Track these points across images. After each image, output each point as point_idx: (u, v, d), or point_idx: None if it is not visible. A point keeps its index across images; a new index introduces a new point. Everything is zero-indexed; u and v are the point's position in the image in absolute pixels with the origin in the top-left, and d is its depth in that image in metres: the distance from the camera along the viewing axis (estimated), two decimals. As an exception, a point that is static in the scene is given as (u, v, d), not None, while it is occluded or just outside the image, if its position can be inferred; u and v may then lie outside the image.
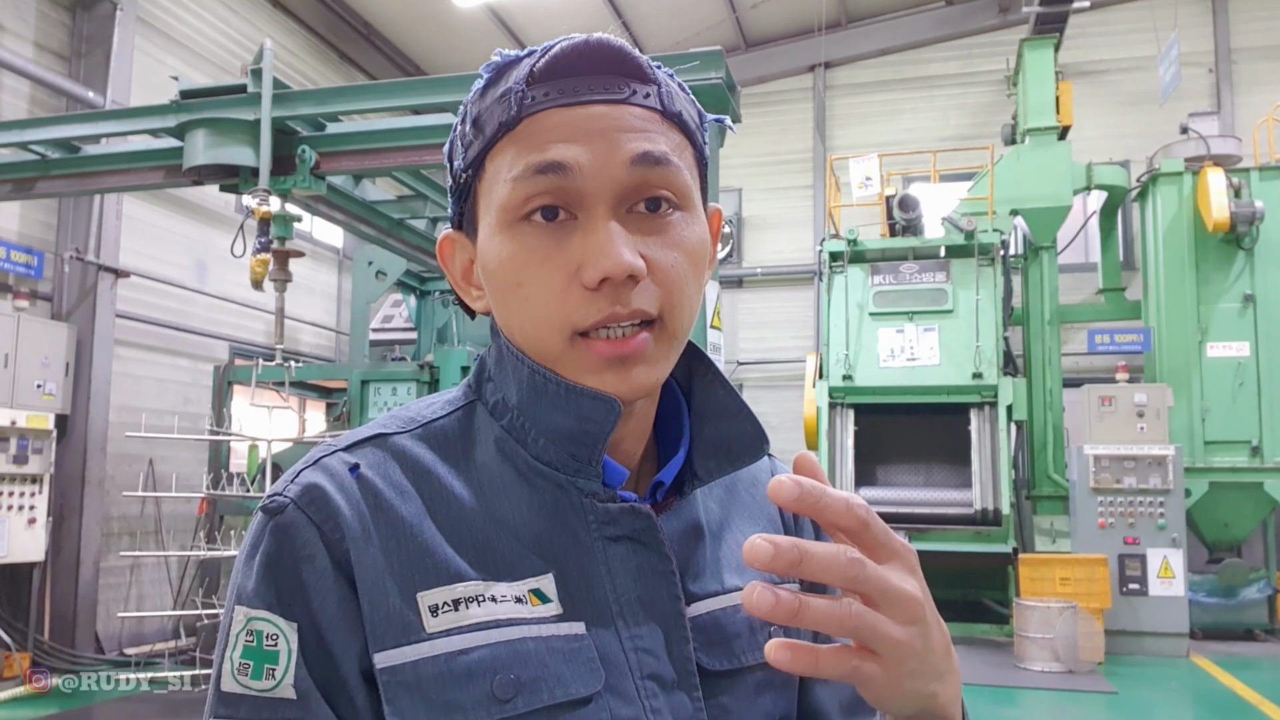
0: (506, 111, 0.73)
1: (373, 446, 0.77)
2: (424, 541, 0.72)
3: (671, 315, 0.73)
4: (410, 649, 0.69)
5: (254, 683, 0.68)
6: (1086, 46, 12.91)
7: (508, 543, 0.74)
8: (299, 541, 0.71)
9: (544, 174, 0.71)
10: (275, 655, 0.69)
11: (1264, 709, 6.76)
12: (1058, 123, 10.72)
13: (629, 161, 0.71)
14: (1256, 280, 9.98)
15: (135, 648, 8.47)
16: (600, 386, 0.72)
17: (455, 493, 0.76)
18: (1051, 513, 10.41)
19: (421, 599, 0.71)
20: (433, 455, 0.77)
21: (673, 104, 0.75)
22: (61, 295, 8.25)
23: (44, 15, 8.34)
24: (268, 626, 0.69)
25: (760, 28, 14.08)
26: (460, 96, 5.62)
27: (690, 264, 0.74)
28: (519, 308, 0.74)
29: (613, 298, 0.70)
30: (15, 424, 7.11)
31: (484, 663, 0.69)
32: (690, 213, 0.75)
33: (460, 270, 0.82)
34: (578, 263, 0.71)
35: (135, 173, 6.56)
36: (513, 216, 0.73)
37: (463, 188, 0.78)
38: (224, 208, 10.02)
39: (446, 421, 0.80)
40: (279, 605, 0.70)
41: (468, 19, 12.47)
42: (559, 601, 0.73)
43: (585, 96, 0.72)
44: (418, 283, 10.34)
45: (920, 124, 13.52)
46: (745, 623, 0.79)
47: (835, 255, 10.23)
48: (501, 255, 0.74)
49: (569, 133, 0.71)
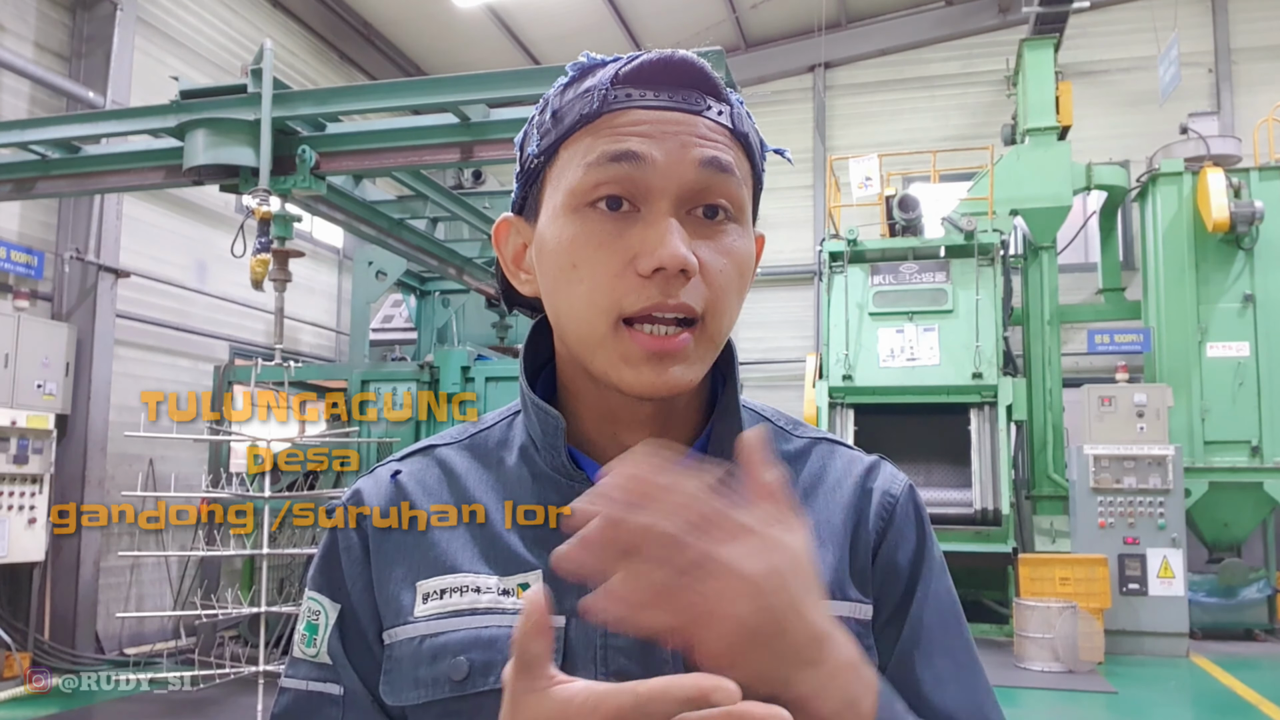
0: (588, 105, 0.77)
1: (420, 455, 0.90)
2: (434, 537, 0.82)
3: (714, 318, 0.76)
4: (401, 629, 0.80)
5: (307, 650, 0.84)
6: (1086, 46, 12.90)
7: (510, 540, 0.81)
8: (341, 536, 0.85)
9: (617, 162, 0.74)
10: (318, 628, 0.84)
11: (1264, 709, 6.76)
12: (1058, 123, 10.71)
13: (698, 163, 0.75)
14: (1256, 280, 9.97)
15: (135, 648, 8.48)
16: (637, 379, 0.75)
17: (477, 496, 0.84)
18: (1051, 513, 10.40)
19: (419, 587, 0.80)
20: (468, 462, 0.87)
21: (741, 125, 0.79)
22: (61, 295, 8.25)
23: (44, 15, 8.34)
24: (316, 605, 0.85)
25: (760, 28, 14.08)
26: (460, 96, 5.63)
27: (737, 273, 0.78)
28: (571, 289, 0.77)
29: (663, 288, 0.73)
30: (15, 424, 7.11)
31: (449, 646, 0.77)
32: (743, 226, 0.79)
33: (512, 254, 0.86)
34: (634, 251, 0.74)
35: (135, 173, 6.56)
36: (579, 201, 0.76)
37: (531, 174, 0.81)
38: (224, 208, 10.02)
39: (491, 431, 0.90)
40: (327, 588, 0.84)
41: (468, 19, 12.47)
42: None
43: (665, 102, 0.76)
44: (418, 283, 10.34)
45: (920, 124, 13.51)
46: None
47: (835, 255, 10.23)
48: (562, 236, 0.77)
49: (645, 129, 0.75)
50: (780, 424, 0.91)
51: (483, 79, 5.72)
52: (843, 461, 0.88)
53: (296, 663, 0.85)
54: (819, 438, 0.90)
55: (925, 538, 0.86)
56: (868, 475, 0.87)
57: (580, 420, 0.84)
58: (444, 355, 8.33)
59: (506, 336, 9.69)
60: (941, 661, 0.82)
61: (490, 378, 8.10)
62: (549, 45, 13.19)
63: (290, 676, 0.85)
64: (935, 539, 0.88)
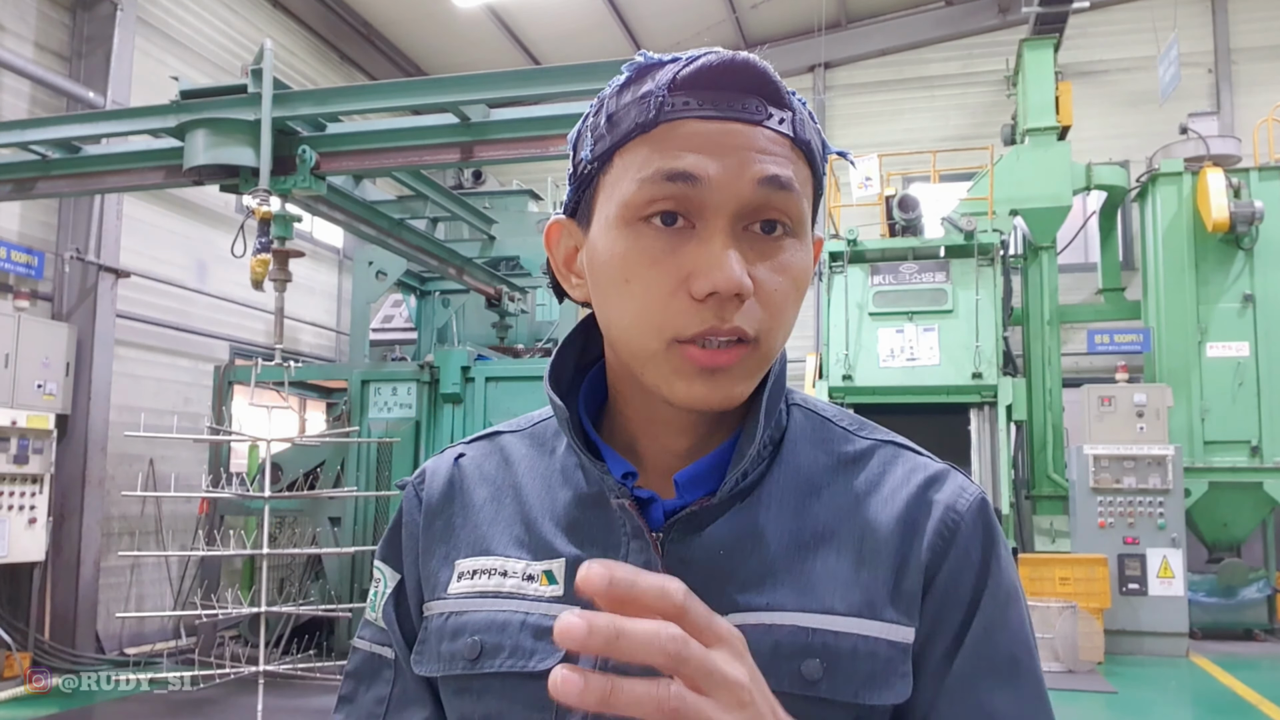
0: (645, 113, 0.74)
1: (485, 440, 0.93)
2: (479, 519, 0.86)
3: (768, 337, 0.74)
4: (435, 604, 0.84)
5: (370, 613, 0.90)
6: (1086, 46, 12.91)
7: (547, 528, 0.82)
8: (407, 510, 0.90)
9: (673, 181, 0.72)
10: (379, 595, 0.89)
11: (1264, 709, 6.77)
12: (1057, 123, 10.71)
13: (757, 181, 0.72)
14: (1256, 280, 9.98)
15: (135, 648, 8.48)
16: (689, 393, 0.74)
17: (524, 483, 0.86)
18: (1051, 512, 10.41)
19: (457, 565, 0.84)
20: (525, 450, 0.89)
21: (804, 132, 0.76)
22: (62, 295, 8.25)
23: (44, 15, 8.34)
24: (379, 572, 0.91)
25: (760, 28, 14.08)
26: (460, 96, 5.63)
27: (794, 289, 0.76)
28: (623, 304, 0.75)
29: (717, 312, 0.71)
30: (15, 424, 7.11)
31: (469, 626, 0.80)
32: (802, 240, 0.77)
33: (564, 256, 0.84)
34: (688, 271, 0.72)
35: (135, 173, 6.57)
36: (633, 215, 0.74)
37: (585, 178, 0.79)
38: (224, 208, 10.02)
39: (551, 420, 0.90)
40: (391, 558, 0.90)
41: (468, 19, 12.47)
42: (564, 585, 0.79)
43: (724, 112, 0.73)
44: (418, 283, 10.34)
45: (920, 124, 13.52)
46: (771, 646, 0.74)
47: (835, 255, 10.23)
48: (614, 250, 0.75)
49: (703, 144, 0.72)
50: (843, 424, 0.86)
51: (483, 79, 5.72)
52: (905, 468, 0.82)
53: (365, 624, 0.91)
54: (885, 440, 0.85)
55: (993, 560, 0.79)
56: (930, 485, 0.80)
57: (626, 419, 0.84)
58: (444, 355, 8.33)
59: (506, 336, 9.69)
60: (1002, 699, 0.75)
61: (490, 378, 8.09)
62: (549, 45, 13.20)
63: (360, 638, 0.91)
64: (1010, 562, 0.81)
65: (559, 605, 0.77)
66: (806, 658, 0.73)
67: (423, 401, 8.23)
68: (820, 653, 0.73)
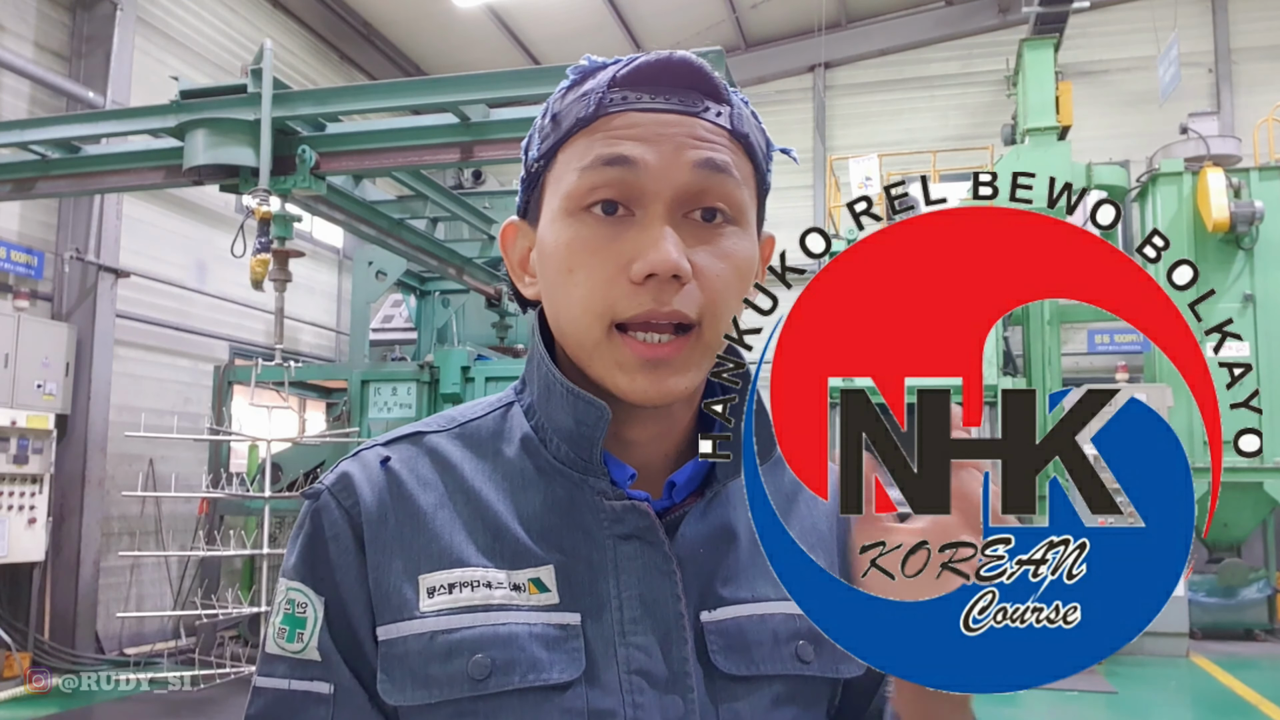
0: (585, 108, 0.76)
1: (408, 443, 0.84)
2: (435, 529, 0.78)
3: (710, 323, 0.75)
4: (404, 625, 0.76)
5: (288, 645, 0.78)
6: (1086, 46, 12.91)
7: (517, 534, 0.78)
8: (328, 523, 0.79)
9: (610, 166, 0.74)
10: (304, 621, 0.78)
11: (1264, 709, 6.76)
12: (1057, 123, 10.71)
13: (693, 164, 0.74)
14: (1256, 280, 9.97)
15: (135, 648, 8.47)
16: (631, 387, 0.75)
17: (475, 487, 0.80)
18: (1051, 513, 10.39)
19: (422, 580, 0.76)
20: (462, 452, 0.83)
21: (741, 125, 0.79)
22: (61, 295, 8.25)
23: (44, 15, 8.34)
24: (300, 596, 0.78)
25: (760, 28, 14.08)
26: (460, 96, 5.63)
27: (736, 277, 0.76)
28: (567, 293, 0.76)
29: (655, 295, 0.73)
30: (15, 424, 7.11)
31: (465, 643, 0.74)
32: (743, 229, 0.78)
33: (518, 257, 0.85)
34: (629, 257, 0.73)
35: (135, 173, 6.56)
36: (575, 205, 0.76)
37: (533, 178, 0.82)
38: (224, 208, 10.02)
39: (483, 421, 0.86)
40: (311, 578, 0.79)
41: (468, 19, 12.47)
42: (557, 592, 0.76)
43: (662, 105, 0.76)
44: (418, 283, 10.33)
45: (920, 124, 13.52)
46: (770, 634, 0.80)
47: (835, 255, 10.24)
48: (558, 241, 0.77)
49: (640, 132, 0.75)
50: None
51: (483, 79, 5.72)
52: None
53: (273, 660, 0.78)
54: None
55: None
56: None
57: None
58: (444, 355, 8.33)
59: (506, 336, 9.69)
60: None
61: (490, 378, 8.10)
62: (549, 45, 13.20)
63: (266, 675, 0.78)
64: None
65: (558, 614, 0.76)
66: (799, 640, 0.80)
67: (423, 401, 8.24)
68: (807, 635, 0.80)
